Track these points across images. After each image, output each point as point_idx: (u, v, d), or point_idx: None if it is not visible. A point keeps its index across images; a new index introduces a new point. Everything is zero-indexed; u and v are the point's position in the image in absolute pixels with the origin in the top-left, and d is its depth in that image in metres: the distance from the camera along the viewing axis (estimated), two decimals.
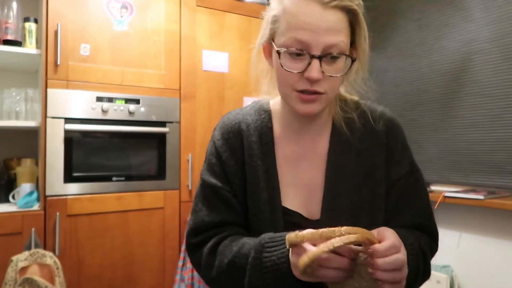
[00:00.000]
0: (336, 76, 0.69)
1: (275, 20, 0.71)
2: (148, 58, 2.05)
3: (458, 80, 2.10)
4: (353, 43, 0.72)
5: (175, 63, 2.11)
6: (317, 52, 0.66)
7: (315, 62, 0.66)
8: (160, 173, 2.06)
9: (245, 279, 0.68)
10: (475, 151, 2.02)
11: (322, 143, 0.80)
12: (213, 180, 0.79)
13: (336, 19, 0.66)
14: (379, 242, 0.59)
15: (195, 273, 1.98)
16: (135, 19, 2.02)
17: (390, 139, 0.80)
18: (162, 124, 2.06)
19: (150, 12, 2.06)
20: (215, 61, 2.24)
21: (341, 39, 0.67)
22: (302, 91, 0.69)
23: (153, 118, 2.04)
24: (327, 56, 0.67)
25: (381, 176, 0.77)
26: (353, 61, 0.70)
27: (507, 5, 1.89)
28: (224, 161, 0.79)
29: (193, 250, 0.80)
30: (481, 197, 1.81)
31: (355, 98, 0.83)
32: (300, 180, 0.79)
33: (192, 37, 2.17)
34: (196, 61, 2.18)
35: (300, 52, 0.67)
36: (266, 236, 0.69)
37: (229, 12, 2.29)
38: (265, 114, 0.82)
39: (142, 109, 2.01)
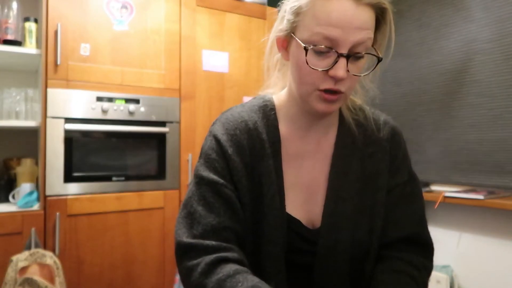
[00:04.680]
0: (359, 76, 0.67)
1: (298, 12, 0.66)
2: (148, 58, 2.05)
3: (458, 80, 2.10)
4: (374, 42, 0.70)
5: (175, 63, 2.11)
6: (344, 50, 0.63)
7: (342, 61, 0.63)
8: (160, 173, 2.06)
9: None
10: (475, 151, 2.02)
11: (327, 144, 0.77)
12: (214, 177, 0.71)
13: (367, 17, 0.64)
14: None
15: None
16: (135, 19, 2.02)
17: (393, 146, 0.79)
18: (162, 124, 2.06)
19: (150, 12, 2.06)
20: (215, 61, 2.24)
21: (369, 36, 0.65)
22: (324, 90, 0.66)
23: (153, 118, 2.04)
24: (354, 55, 0.64)
25: (383, 183, 0.76)
26: (379, 61, 0.68)
27: (507, 5, 1.89)
28: (229, 157, 0.72)
29: (187, 270, 0.66)
30: (481, 197, 1.81)
31: (358, 101, 0.82)
32: (302, 181, 0.76)
33: (192, 37, 2.17)
34: (196, 61, 2.18)
35: (328, 49, 0.63)
36: None
37: (229, 12, 2.29)
38: (271, 112, 0.77)
39: (142, 109, 2.01)
